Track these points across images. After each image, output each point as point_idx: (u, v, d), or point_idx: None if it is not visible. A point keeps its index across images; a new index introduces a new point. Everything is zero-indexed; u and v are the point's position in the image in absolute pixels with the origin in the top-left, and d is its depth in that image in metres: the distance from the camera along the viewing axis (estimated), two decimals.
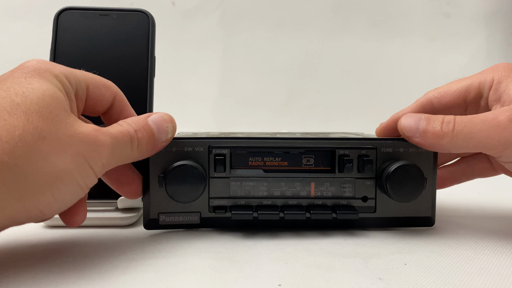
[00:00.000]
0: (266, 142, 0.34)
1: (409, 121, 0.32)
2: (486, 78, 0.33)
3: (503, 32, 1.02)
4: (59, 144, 0.24)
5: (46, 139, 0.23)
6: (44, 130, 0.23)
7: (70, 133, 0.24)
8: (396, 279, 0.25)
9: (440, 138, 0.31)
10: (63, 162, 0.24)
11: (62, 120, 0.24)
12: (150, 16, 0.40)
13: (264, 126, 0.94)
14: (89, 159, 0.25)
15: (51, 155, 0.23)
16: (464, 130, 0.30)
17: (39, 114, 0.23)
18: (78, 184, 0.25)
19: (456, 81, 0.35)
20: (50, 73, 0.26)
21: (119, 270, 0.26)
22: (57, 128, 0.24)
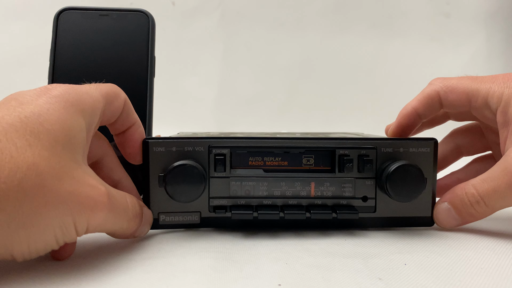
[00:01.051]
0: (266, 142, 0.34)
1: (446, 221, 0.34)
2: (495, 92, 0.33)
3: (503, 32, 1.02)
4: (55, 198, 0.22)
5: (45, 188, 0.22)
6: (47, 179, 0.22)
7: (72, 190, 0.23)
8: (396, 279, 0.25)
9: (481, 215, 0.32)
10: (50, 217, 0.22)
11: (69, 172, 0.23)
12: (150, 16, 0.40)
13: (264, 126, 0.94)
14: (78, 222, 0.24)
15: (42, 208, 0.22)
16: (494, 196, 0.31)
17: (49, 159, 0.22)
18: (55, 240, 0.23)
19: (465, 79, 0.35)
20: (78, 110, 0.25)
21: (119, 270, 0.26)
22: (61, 180, 0.22)
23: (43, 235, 0.22)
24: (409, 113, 0.36)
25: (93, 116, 0.27)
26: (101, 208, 0.25)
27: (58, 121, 0.24)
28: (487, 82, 0.33)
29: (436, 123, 0.41)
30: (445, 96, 0.35)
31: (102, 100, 0.28)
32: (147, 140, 0.33)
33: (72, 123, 0.24)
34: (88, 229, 0.25)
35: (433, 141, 0.34)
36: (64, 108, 0.24)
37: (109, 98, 0.28)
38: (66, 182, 0.23)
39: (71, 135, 0.24)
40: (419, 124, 0.37)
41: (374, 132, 0.53)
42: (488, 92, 0.33)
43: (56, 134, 0.23)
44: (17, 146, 0.21)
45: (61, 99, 0.25)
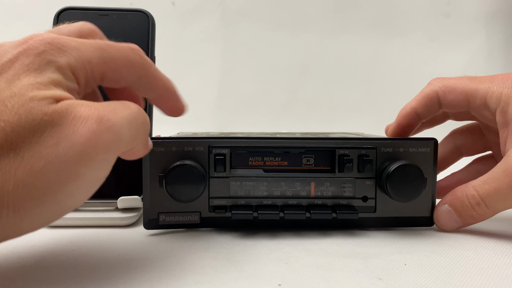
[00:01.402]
0: (266, 142, 0.34)
1: (446, 223, 0.34)
2: (494, 92, 0.32)
3: (503, 32, 1.02)
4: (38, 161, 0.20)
5: (24, 158, 0.20)
6: (21, 147, 0.20)
7: (55, 142, 0.20)
8: (396, 279, 0.25)
9: (482, 217, 0.32)
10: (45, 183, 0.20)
11: (39, 122, 0.20)
12: (150, 16, 0.40)
13: (264, 126, 0.94)
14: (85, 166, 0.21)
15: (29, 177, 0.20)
16: (496, 197, 0.31)
17: (17, 127, 0.20)
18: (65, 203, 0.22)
19: (464, 79, 0.35)
20: (54, 66, 0.22)
21: (119, 270, 0.26)
22: (38, 141, 0.20)
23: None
24: (408, 113, 0.36)
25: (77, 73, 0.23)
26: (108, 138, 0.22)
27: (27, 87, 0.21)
28: (485, 82, 0.33)
29: (436, 123, 0.41)
30: (443, 96, 0.35)
31: (98, 62, 0.24)
32: None
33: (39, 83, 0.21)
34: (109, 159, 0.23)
35: (433, 141, 0.34)
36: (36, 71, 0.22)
37: (112, 65, 0.25)
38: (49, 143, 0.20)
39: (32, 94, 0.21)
40: (418, 124, 0.37)
41: (374, 132, 0.53)
42: (487, 92, 0.33)
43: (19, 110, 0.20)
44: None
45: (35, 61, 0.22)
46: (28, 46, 0.22)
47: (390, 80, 1.01)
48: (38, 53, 0.22)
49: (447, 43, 1.02)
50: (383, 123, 0.41)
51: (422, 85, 0.38)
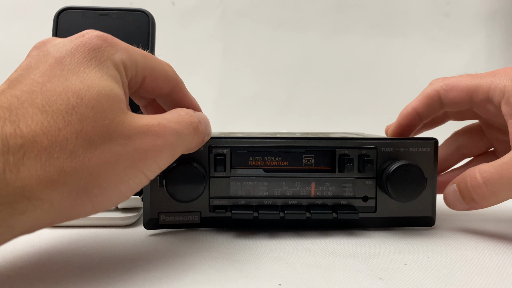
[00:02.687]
0: (266, 142, 0.34)
1: (453, 203, 0.33)
2: (497, 85, 0.32)
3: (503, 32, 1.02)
4: (110, 156, 0.22)
5: (97, 151, 0.21)
6: (96, 141, 0.21)
7: (124, 142, 0.22)
8: (396, 279, 0.25)
9: (482, 201, 0.31)
10: (113, 175, 0.22)
11: (117, 128, 0.22)
12: (150, 16, 0.40)
13: (264, 126, 0.94)
14: (144, 167, 0.24)
15: (101, 167, 0.22)
16: (499, 182, 0.30)
17: (93, 122, 0.21)
18: (131, 190, 0.24)
19: (465, 77, 0.35)
20: (111, 62, 0.24)
21: (119, 270, 0.26)
22: (111, 138, 0.22)
23: (108, 194, 0.23)
24: (409, 113, 0.36)
25: (127, 70, 0.26)
26: (164, 149, 0.24)
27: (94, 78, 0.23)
28: (487, 77, 0.33)
29: (436, 124, 0.41)
30: (445, 95, 0.35)
31: (142, 67, 0.27)
32: None
33: (106, 79, 0.23)
34: (161, 168, 0.25)
35: (434, 141, 0.34)
36: (98, 63, 0.23)
37: (152, 73, 0.27)
38: (116, 138, 0.22)
39: (108, 95, 0.23)
40: (419, 125, 0.37)
41: (374, 132, 0.53)
42: (489, 86, 0.33)
43: (93, 98, 0.22)
44: (63, 116, 0.21)
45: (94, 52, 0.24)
46: (85, 40, 0.24)
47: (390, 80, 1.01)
48: (95, 47, 0.24)
49: (447, 43, 1.02)
50: (383, 123, 0.41)
51: (422, 84, 0.38)
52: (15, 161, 0.19)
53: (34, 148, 0.20)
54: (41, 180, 0.20)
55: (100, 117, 0.22)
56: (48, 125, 0.20)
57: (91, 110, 0.22)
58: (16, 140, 0.19)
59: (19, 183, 0.19)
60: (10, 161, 0.19)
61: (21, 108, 0.21)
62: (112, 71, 0.24)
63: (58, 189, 0.20)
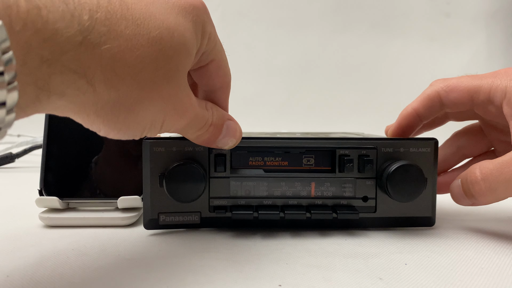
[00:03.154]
0: (266, 142, 0.34)
1: (457, 198, 0.33)
2: (498, 86, 0.32)
3: (503, 32, 1.02)
4: (158, 95, 0.23)
5: (156, 84, 0.23)
6: (159, 75, 0.23)
7: (173, 93, 0.24)
8: (396, 279, 0.25)
9: (481, 197, 0.31)
10: (149, 110, 0.23)
11: (175, 77, 0.24)
12: None
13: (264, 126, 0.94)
14: (166, 122, 0.25)
15: (146, 99, 0.23)
16: (498, 178, 0.30)
17: (169, 60, 0.23)
18: (141, 132, 0.25)
19: (466, 77, 0.34)
20: (201, 26, 0.25)
21: (120, 270, 0.26)
22: (168, 82, 0.23)
23: (137, 125, 0.24)
24: (409, 114, 0.36)
25: (204, 42, 0.27)
26: (188, 116, 0.26)
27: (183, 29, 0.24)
28: (488, 78, 0.33)
29: (436, 124, 0.41)
30: (446, 96, 0.35)
31: (216, 52, 0.29)
32: (147, 140, 0.33)
33: (192, 38, 0.25)
34: (170, 130, 0.27)
35: (434, 141, 0.34)
36: (193, 19, 0.25)
37: (221, 64, 0.29)
38: (171, 84, 0.24)
39: (187, 48, 0.24)
40: (419, 125, 0.37)
41: (374, 132, 0.53)
42: (491, 87, 0.33)
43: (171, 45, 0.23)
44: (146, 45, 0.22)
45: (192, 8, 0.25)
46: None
47: (390, 80, 1.01)
48: (196, 6, 0.26)
49: (447, 43, 1.02)
50: (383, 123, 0.41)
51: (422, 84, 0.38)
52: (95, 40, 0.20)
53: (114, 41, 0.20)
54: (104, 66, 0.20)
55: (175, 61, 0.23)
56: (134, 32, 0.21)
57: (172, 50, 0.23)
58: (101, 28, 0.20)
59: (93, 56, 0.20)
60: (90, 38, 0.20)
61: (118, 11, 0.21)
62: (199, 34, 0.26)
63: (113, 86, 0.21)
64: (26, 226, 0.35)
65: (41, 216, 0.35)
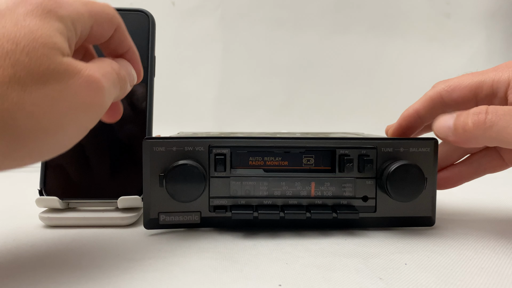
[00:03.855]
0: (266, 142, 0.34)
1: (441, 122, 0.32)
2: (501, 77, 0.32)
3: (503, 32, 1.02)
4: (46, 101, 0.22)
5: (32, 95, 0.21)
6: (30, 86, 0.21)
7: (60, 89, 0.22)
8: (396, 279, 0.25)
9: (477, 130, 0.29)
10: (49, 121, 0.22)
11: (52, 75, 0.22)
12: (150, 16, 0.40)
13: (264, 126, 0.94)
14: (82, 116, 0.24)
15: (35, 112, 0.22)
16: (500, 123, 0.28)
17: (28, 67, 0.21)
18: (60, 142, 0.24)
19: (467, 75, 0.34)
20: (55, 15, 0.24)
21: (119, 270, 0.26)
22: (45, 84, 0.22)
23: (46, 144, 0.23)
24: (410, 115, 0.36)
25: (75, 24, 0.26)
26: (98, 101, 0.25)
27: (33, 25, 0.23)
28: (490, 72, 0.33)
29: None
30: (448, 96, 0.35)
31: (88, 16, 0.27)
32: (147, 140, 0.33)
33: (47, 29, 0.23)
34: (95, 120, 0.26)
35: (434, 141, 0.34)
36: (40, 14, 0.23)
37: (98, 18, 0.28)
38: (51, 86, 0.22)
39: (45, 43, 0.23)
40: (420, 127, 0.37)
41: (374, 132, 0.53)
42: (493, 80, 0.33)
43: (28, 44, 0.22)
44: None
45: (37, 6, 0.24)
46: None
47: (390, 80, 1.01)
48: (38, 2, 0.24)
49: (447, 43, 1.02)
50: (383, 123, 0.41)
51: (422, 84, 0.38)
52: None
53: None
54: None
55: (35, 63, 0.22)
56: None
57: (25, 55, 0.22)
58: None
59: None
60: None
61: None
62: (55, 23, 0.24)
63: None
64: (26, 226, 0.35)
65: (41, 216, 0.35)
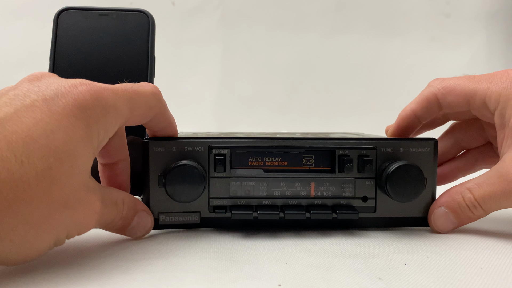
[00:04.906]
0: (266, 142, 0.34)
1: (444, 225, 0.34)
2: (493, 93, 0.32)
3: (503, 32, 1.02)
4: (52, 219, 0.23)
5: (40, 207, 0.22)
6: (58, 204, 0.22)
7: (68, 214, 0.23)
8: (396, 279, 0.25)
9: (477, 218, 0.33)
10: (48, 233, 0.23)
11: (65, 191, 0.23)
12: (150, 16, 0.40)
13: (264, 126, 0.94)
14: (70, 235, 0.25)
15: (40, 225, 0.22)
16: (490, 201, 0.31)
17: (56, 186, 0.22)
18: (48, 247, 0.24)
19: (463, 79, 0.34)
20: (97, 127, 0.24)
21: (119, 270, 0.26)
22: (65, 205, 0.23)
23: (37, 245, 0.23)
24: (407, 115, 0.36)
25: (108, 131, 0.26)
26: (93, 224, 0.26)
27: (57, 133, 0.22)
28: (484, 82, 0.33)
29: (436, 124, 0.41)
30: (443, 98, 0.35)
31: (127, 113, 0.27)
32: (147, 140, 0.33)
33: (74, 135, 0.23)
34: (79, 234, 0.26)
35: (433, 141, 0.34)
36: (67, 117, 0.23)
37: (137, 111, 0.28)
38: (62, 201, 0.23)
39: (70, 149, 0.23)
40: (418, 126, 0.37)
41: (374, 132, 0.53)
42: (485, 93, 0.33)
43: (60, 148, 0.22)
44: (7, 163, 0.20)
45: (81, 110, 0.23)
46: (77, 96, 0.23)
47: (390, 80, 1.01)
48: (86, 107, 0.24)
49: (447, 43, 1.01)
50: (383, 123, 0.41)
51: (422, 85, 0.38)
52: None
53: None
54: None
55: (62, 183, 0.22)
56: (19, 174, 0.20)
57: (64, 177, 0.22)
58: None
59: None
60: None
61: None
62: (96, 136, 0.25)
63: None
64: None
65: None
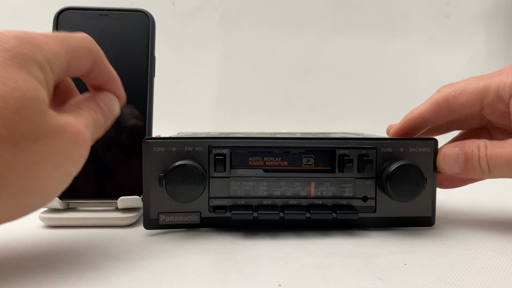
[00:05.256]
0: (266, 142, 0.34)
1: (450, 165, 0.33)
2: (506, 82, 0.33)
3: (503, 32, 1.02)
4: (38, 158, 0.23)
5: (24, 153, 0.22)
6: (22, 144, 0.22)
7: (49, 143, 0.23)
8: (396, 279, 0.25)
9: (479, 174, 0.32)
10: (41, 176, 0.23)
11: (42, 130, 0.23)
12: (150, 16, 0.40)
13: (264, 126, 0.94)
14: (69, 166, 0.25)
15: (29, 170, 0.22)
16: (497, 161, 0.31)
17: (19, 125, 0.22)
18: (51, 194, 0.25)
19: (473, 79, 0.35)
20: (33, 62, 0.23)
21: (119, 270, 0.26)
22: (36, 140, 0.22)
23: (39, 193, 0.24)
24: (414, 118, 0.36)
25: (53, 67, 0.25)
26: (83, 139, 0.26)
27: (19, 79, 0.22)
28: (495, 76, 0.34)
29: (440, 131, 0.40)
30: (455, 100, 0.35)
31: (64, 53, 0.26)
32: (147, 140, 0.33)
33: (31, 81, 0.23)
34: (81, 164, 0.26)
35: (433, 141, 0.34)
36: (20, 63, 0.23)
37: (75, 53, 0.27)
38: (41, 141, 0.23)
39: (33, 97, 0.23)
40: (422, 130, 0.37)
41: (374, 132, 0.53)
42: (498, 84, 0.33)
43: (18, 101, 0.22)
44: None
45: (15, 54, 0.23)
46: (3, 41, 0.23)
47: (390, 80, 1.01)
48: (14, 47, 0.23)
49: (447, 43, 1.02)
50: (383, 123, 0.41)
51: (422, 84, 0.38)
52: None
53: None
54: None
55: (26, 120, 0.22)
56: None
57: (16, 113, 0.22)
58: None
59: None
60: None
61: None
62: (36, 71, 0.24)
63: None
64: (26, 226, 0.35)
65: (41, 216, 0.35)
